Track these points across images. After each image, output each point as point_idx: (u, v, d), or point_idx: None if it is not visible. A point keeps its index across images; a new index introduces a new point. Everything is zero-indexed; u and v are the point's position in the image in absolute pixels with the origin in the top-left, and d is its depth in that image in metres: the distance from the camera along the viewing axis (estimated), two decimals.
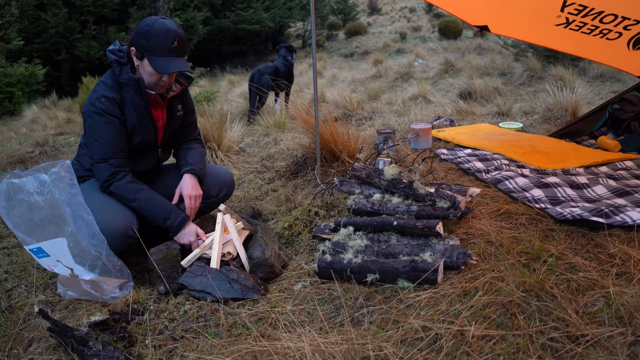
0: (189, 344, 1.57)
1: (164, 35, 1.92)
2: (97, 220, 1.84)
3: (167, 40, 1.92)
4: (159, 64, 1.94)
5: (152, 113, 2.10)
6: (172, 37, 1.93)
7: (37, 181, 1.74)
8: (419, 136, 3.40)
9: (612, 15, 2.73)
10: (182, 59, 2.00)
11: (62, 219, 1.76)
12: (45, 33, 11.37)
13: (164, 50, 1.93)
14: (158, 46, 1.92)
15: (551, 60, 7.83)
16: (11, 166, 4.43)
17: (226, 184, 2.40)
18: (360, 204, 2.14)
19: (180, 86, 2.20)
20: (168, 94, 2.15)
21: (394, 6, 25.07)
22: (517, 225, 2.04)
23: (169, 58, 1.95)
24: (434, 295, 1.63)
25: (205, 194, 2.30)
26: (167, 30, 1.92)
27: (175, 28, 1.96)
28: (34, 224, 1.77)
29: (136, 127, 2.07)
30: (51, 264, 1.85)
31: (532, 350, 1.33)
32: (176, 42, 1.94)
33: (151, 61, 1.93)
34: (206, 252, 2.05)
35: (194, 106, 2.40)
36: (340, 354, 1.40)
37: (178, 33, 1.96)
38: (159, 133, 2.19)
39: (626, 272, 1.64)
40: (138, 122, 2.07)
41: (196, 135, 2.41)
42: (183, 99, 2.28)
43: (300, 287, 1.86)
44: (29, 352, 1.62)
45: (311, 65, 4.05)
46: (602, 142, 3.28)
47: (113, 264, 1.86)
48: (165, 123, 2.19)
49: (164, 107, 2.16)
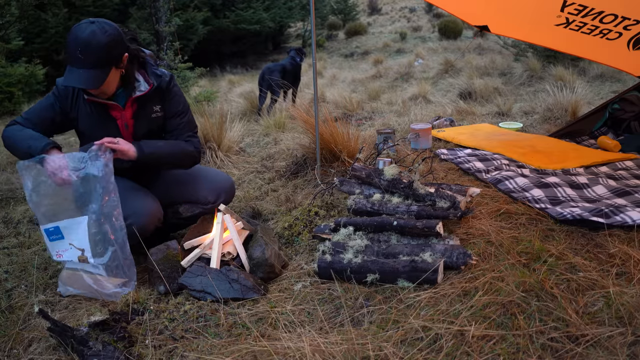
0: (189, 344, 1.57)
1: (72, 42, 1.79)
2: (127, 201, 1.91)
3: (71, 48, 1.80)
4: (65, 73, 1.84)
5: (109, 112, 2.05)
6: (75, 44, 1.78)
7: (75, 158, 1.82)
8: (419, 136, 3.40)
9: (612, 15, 2.73)
10: (87, 71, 1.82)
11: (91, 195, 1.82)
12: (45, 33, 11.37)
13: (70, 58, 1.82)
14: (67, 53, 1.83)
15: (551, 60, 7.82)
16: (11, 166, 4.42)
17: (224, 190, 2.35)
18: (360, 204, 2.14)
19: (148, 86, 2.06)
20: (134, 94, 2.03)
21: (394, 6, 25.06)
22: (517, 225, 2.04)
23: (70, 69, 1.83)
24: (434, 295, 1.63)
25: (203, 200, 2.29)
26: (75, 37, 1.79)
27: (85, 36, 1.78)
28: (57, 203, 1.84)
29: (93, 125, 2.03)
30: (61, 249, 1.88)
31: (532, 350, 1.33)
32: (78, 51, 1.78)
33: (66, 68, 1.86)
34: (206, 252, 2.06)
35: (185, 109, 2.22)
36: (340, 354, 1.40)
37: (85, 42, 1.78)
38: (122, 132, 2.10)
39: (626, 272, 1.64)
40: (95, 119, 2.03)
41: (186, 137, 2.20)
42: (163, 99, 2.14)
43: (300, 287, 1.86)
44: (29, 352, 1.61)
45: (311, 65, 4.06)
46: (602, 142, 3.28)
47: (125, 256, 1.88)
48: (131, 122, 2.10)
49: (124, 107, 2.06)
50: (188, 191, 2.29)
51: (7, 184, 3.75)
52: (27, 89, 9.29)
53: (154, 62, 2.17)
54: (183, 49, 8.50)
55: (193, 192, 2.29)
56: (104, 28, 1.84)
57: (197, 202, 2.30)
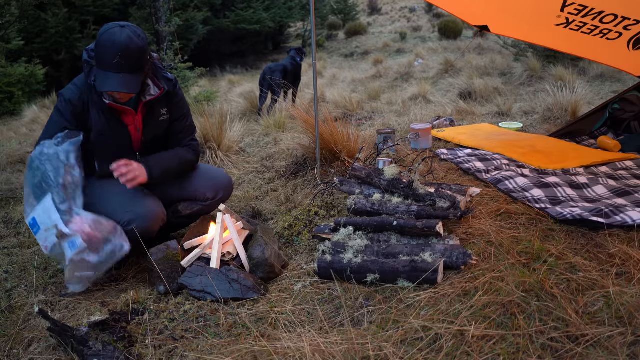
0: (189, 344, 1.57)
1: (107, 47, 1.80)
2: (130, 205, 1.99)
3: (108, 54, 1.80)
4: (98, 78, 1.85)
5: (120, 118, 2.04)
6: (115, 50, 1.79)
7: (46, 145, 1.95)
8: (419, 136, 3.40)
9: (612, 15, 2.73)
10: (127, 75, 1.85)
11: (55, 171, 1.90)
12: (45, 33, 11.36)
13: (104, 64, 1.83)
14: (101, 59, 1.83)
15: (551, 60, 7.83)
16: (11, 166, 4.42)
17: (222, 187, 2.35)
18: (360, 204, 2.14)
19: (159, 90, 2.09)
20: (145, 98, 2.05)
21: (394, 6, 25.07)
22: (517, 225, 2.04)
23: (107, 74, 1.83)
24: (434, 295, 1.63)
25: (202, 196, 2.29)
26: (112, 42, 1.80)
27: (123, 40, 1.80)
28: (32, 191, 1.93)
29: (105, 130, 2.02)
30: (43, 241, 1.90)
31: (532, 350, 1.33)
32: (119, 56, 1.80)
33: (96, 73, 1.86)
34: (206, 252, 2.06)
35: (188, 111, 2.29)
36: (340, 354, 1.40)
37: (124, 45, 1.80)
38: (133, 137, 2.12)
39: (626, 272, 1.64)
40: (107, 124, 2.01)
41: (188, 142, 2.29)
42: (169, 102, 2.18)
43: (300, 287, 1.86)
44: (29, 352, 1.61)
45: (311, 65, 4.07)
46: (602, 142, 3.28)
47: (87, 216, 1.92)
48: (141, 127, 2.12)
49: (137, 112, 2.07)
50: (187, 189, 2.30)
51: (7, 184, 3.75)
52: (27, 89, 9.29)
53: (162, 66, 2.20)
54: (183, 49, 8.51)
55: (192, 190, 2.30)
56: (136, 32, 1.87)
57: (195, 199, 2.30)
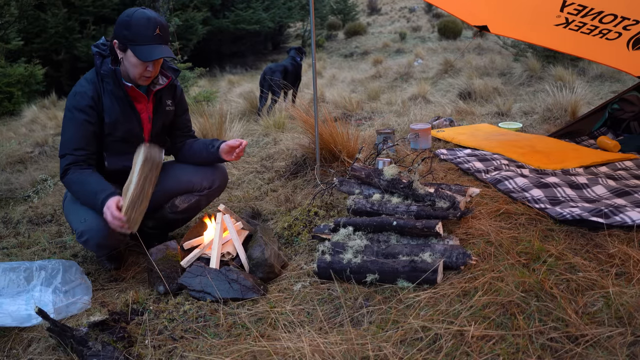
0: (189, 344, 1.57)
1: (145, 23, 1.92)
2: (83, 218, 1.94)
3: (148, 28, 1.92)
4: (142, 52, 1.93)
5: (134, 105, 2.10)
6: (153, 24, 1.93)
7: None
8: (418, 136, 3.40)
9: (611, 15, 2.73)
10: (165, 46, 1.98)
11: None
12: (44, 33, 11.35)
13: (146, 38, 1.93)
14: (140, 35, 1.92)
15: (551, 60, 7.83)
16: (11, 166, 4.42)
17: (218, 176, 2.37)
18: (360, 204, 2.14)
19: (166, 80, 2.18)
20: (154, 87, 2.14)
21: (394, 6, 25.07)
22: (516, 225, 2.04)
23: (151, 46, 1.93)
24: (434, 296, 1.63)
25: (198, 186, 2.31)
26: (147, 19, 1.92)
27: (155, 16, 1.96)
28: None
29: (119, 118, 2.06)
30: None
31: (531, 350, 1.33)
32: (158, 29, 1.94)
33: (134, 51, 1.93)
34: (205, 252, 2.06)
35: (187, 106, 2.42)
36: (339, 354, 1.40)
37: (159, 21, 1.95)
38: (145, 126, 2.17)
39: (626, 272, 1.64)
40: (121, 113, 2.06)
41: (192, 135, 2.45)
42: (174, 94, 2.28)
43: (300, 287, 1.86)
44: (29, 352, 1.61)
45: (311, 65, 4.06)
46: (601, 142, 3.28)
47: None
48: (152, 116, 2.19)
49: (149, 100, 2.15)
50: (182, 182, 2.30)
51: (7, 184, 3.75)
52: (26, 89, 9.27)
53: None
54: (182, 49, 8.50)
55: (187, 181, 2.30)
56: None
57: (192, 190, 2.31)
